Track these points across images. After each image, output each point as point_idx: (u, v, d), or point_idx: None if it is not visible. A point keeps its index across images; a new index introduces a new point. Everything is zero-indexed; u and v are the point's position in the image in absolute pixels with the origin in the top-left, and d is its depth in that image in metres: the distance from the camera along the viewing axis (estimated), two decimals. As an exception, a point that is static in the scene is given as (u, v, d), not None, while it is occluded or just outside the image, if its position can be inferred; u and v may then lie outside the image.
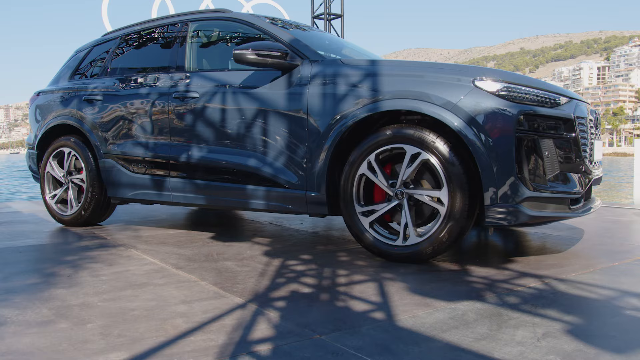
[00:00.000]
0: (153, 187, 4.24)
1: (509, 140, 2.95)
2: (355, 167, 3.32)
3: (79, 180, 4.71)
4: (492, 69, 3.22)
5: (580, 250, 3.54)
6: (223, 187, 3.86)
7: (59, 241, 4.05)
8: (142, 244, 3.82)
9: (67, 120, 4.78)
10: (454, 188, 3.03)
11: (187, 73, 4.14)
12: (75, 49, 5.36)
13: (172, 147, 4.10)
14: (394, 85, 3.21)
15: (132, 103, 4.35)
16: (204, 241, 3.92)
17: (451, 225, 3.05)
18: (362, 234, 3.33)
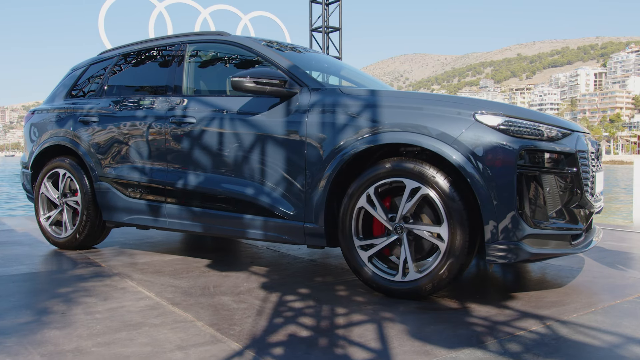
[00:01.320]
0: (149, 212, 4.19)
1: (510, 177, 2.91)
2: (354, 200, 3.28)
3: (74, 202, 4.66)
4: (492, 101, 3.19)
5: (581, 284, 3.50)
6: (220, 215, 3.81)
7: (52, 268, 3.99)
8: (137, 273, 3.77)
9: (62, 141, 4.73)
10: (454, 224, 2.99)
11: (185, 97, 4.10)
12: (72, 66, 5.30)
13: (168, 172, 4.05)
14: (394, 117, 3.17)
15: (129, 126, 4.29)
16: (200, 270, 3.87)
17: (451, 262, 3.01)
18: (360, 268, 3.28)
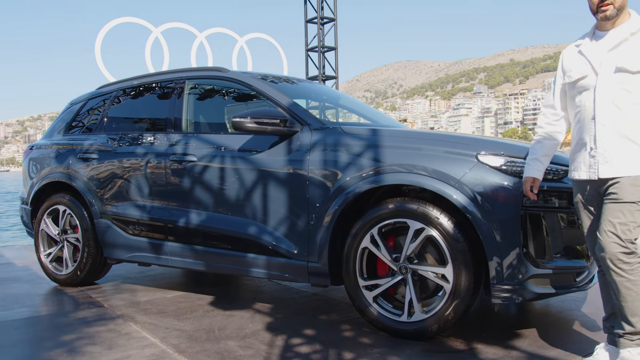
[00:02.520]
0: (151, 250, 4.17)
1: (514, 218, 2.92)
2: (357, 240, 3.27)
3: (74, 239, 4.64)
4: (493, 140, 3.20)
5: (585, 317, 3.49)
6: (223, 254, 3.80)
7: (55, 311, 3.97)
8: (140, 315, 3.74)
9: (61, 177, 4.71)
10: (458, 265, 2.99)
11: (185, 134, 4.09)
12: (70, 101, 5.30)
13: (169, 210, 4.04)
14: (397, 158, 3.17)
15: (128, 163, 4.28)
16: (204, 309, 3.85)
17: (457, 303, 3.00)
18: (366, 308, 3.27)
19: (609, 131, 2.46)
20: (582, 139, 2.56)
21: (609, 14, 2.46)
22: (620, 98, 2.45)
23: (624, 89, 2.45)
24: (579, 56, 2.60)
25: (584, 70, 2.55)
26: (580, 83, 2.56)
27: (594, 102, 2.49)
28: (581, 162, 2.57)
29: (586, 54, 2.56)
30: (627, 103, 2.45)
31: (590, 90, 2.52)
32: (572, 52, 2.66)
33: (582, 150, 2.57)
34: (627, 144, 2.44)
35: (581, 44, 2.62)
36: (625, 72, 2.44)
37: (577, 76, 2.57)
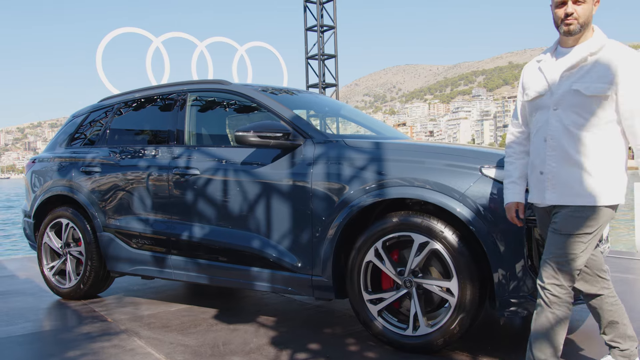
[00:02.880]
0: (154, 263, 4.17)
1: (518, 231, 2.90)
2: (362, 254, 3.27)
3: (77, 252, 4.63)
4: (496, 152, 3.19)
5: (590, 328, 3.49)
6: (226, 267, 3.79)
7: (58, 326, 3.96)
8: (144, 329, 3.74)
9: (64, 191, 4.71)
10: (463, 279, 2.98)
11: (187, 147, 4.09)
12: (72, 113, 5.30)
13: (172, 224, 4.04)
14: (401, 171, 3.17)
15: (131, 176, 4.28)
16: (208, 323, 3.84)
17: (462, 317, 3.00)
18: (370, 322, 3.27)
19: (559, 156, 2.36)
20: (534, 160, 2.49)
21: (572, 29, 2.34)
22: (573, 122, 2.33)
23: (576, 112, 2.33)
24: (538, 73, 2.49)
25: (541, 88, 2.44)
26: (537, 102, 2.47)
27: (547, 124, 2.40)
28: (532, 185, 2.52)
29: (545, 71, 2.45)
30: (579, 128, 2.32)
31: (545, 110, 2.42)
32: (532, 69, 2.55)
33: (534, 172, 2.50)
34: (577, 171, 2.33)
35: (542, 59, 2.51)
36: (579, 94, 2.32)
37: (534, 95, 2.48)
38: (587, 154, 2.32)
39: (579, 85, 2.31)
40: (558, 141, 2.36)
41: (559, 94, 2.37)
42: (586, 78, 2.31)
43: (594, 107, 2.31)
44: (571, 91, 2.33)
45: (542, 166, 2.42)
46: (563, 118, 2.35)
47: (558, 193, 2.38)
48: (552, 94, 2.39)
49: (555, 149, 2.37)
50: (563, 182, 2.36)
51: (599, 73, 2.30)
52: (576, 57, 2.35)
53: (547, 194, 2.41)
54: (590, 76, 2.31)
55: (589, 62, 2.33)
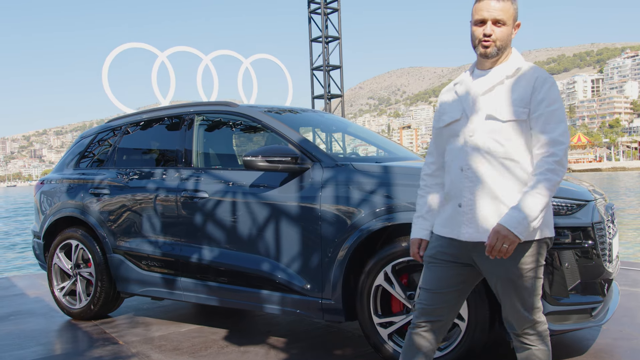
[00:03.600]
0: (164, 285, 4.19)
1: (528, 255, 2.91)
2: (371, 278, 3.28)
3: (87, 274, 4.66)
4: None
5: (601, 348, 3.48)
6: (236, 290, 3.81)
7: (69, 349, 3.98)
8: (156, 352, 3.75)
9: (73, 212, 4.74)
10: (473, 303, 2.99)
11: (195, 169, 4.12)
12: (80, 134, 5.34)
13: (182, 247, 4.06)
14: (409, 196, 3.17)
15: (140, 199, 4.31)
16: (218, 345, 3.85)
17: (472, 341, 3.00)
18: (381, 346, 3.27)
19: (477, 187, 2.13)
20: (450, 191, 2.23)
21: (489, 51, 2.15)
22: (490, 149, 2.12)
23: (493, 139, 2.12)
24: (454, 97, 2.28)
25: (456, 113, 2.23)
26: (452, 127, 2.24)
27: (463, 151, 2.17)
28: (447, 217, 2.24)
29: (461, 95, 2.25)
30: (496, 156, 2.12)
31: (461, 137, 2.19)
32: (449, 92, 2.34)
33: (449, 203, 2.23)
34: (495, 204, 2.11)
35: (459, 82, 2.30)
36: (495, 120, 2.13)
37: (449, 120, 2.25)
38: (506, 185, 2.11)
39: (495, 110, 2.14)
40: (477, 171, 2.13)
41: (474, 119, 2.17)
42: (502, 102, 2.14)
43: (511, 133, 2.13)
44: (487, 116, 2.15)
45: (460, 198, 2.18)
46: (480, 146, 2.13)
47: (475, 228, 2.13)
48: (468, 119, 2.18)
49: (472, 180, 2.14)
50: (481, 216, 2.12)
51: (515, 97, 2.13)
52: (492, 81, 2.19)
53: (463, 228, 2.16)
54: (506, 100, 2.14)
55: (506, 86, 2.16)
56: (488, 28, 2.13)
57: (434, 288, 2.27)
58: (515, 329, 2.24)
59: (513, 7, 2.16)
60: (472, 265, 2.23)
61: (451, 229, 2.21)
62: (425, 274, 2.31)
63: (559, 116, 2.10)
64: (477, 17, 2.15)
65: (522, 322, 2.21)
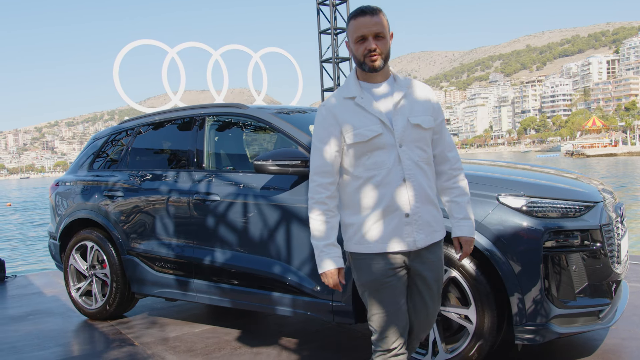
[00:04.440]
0: (177, 286, 4.27)
1: (535, 259, 2.95)
2: (380, 281, 3.32)
3: (103, 275, 4.75)
4: (513, 180, 3.23)
5: (609, 348, 3.50)
6: (248, 292, 3.87)
7: (87, 350, 4.07)
8: (170, 354, 3.84)
9: (88, 214, 4.82)
10: (481, 306, 3.03)
11: (207, 172, 4.17)
12: (93, 135, 5.42)
13: (195, 249, 4.12)
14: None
15: (153, 201, 4.38)
16: (231, 347, 3.93)
17: (481, 344, 3.05)
18: (391, 348, 3.32)
19: (420, 194, 2.22)
20: (392, 204, 2.20)
21: (377, 64, 2.22)
22: (420, 157, 2.25)
23: (419, 147, 2.26)
24: (361, 111, 2.24)
25: (376, 127, 2.21)
26: (375, 142, 2.21)
27: (400, 163, 2.21)
28: (389, 231, 2.22)
29: (370, 109, 2.23)
30: (425, 162, 2.27)
31: (389, 149, 2.21)
32: (347, 107, 2.26)
33: (391, 216, 2.21)
34: (432, 207, 2.27)
35: (355, 97, 2.26)
36: (420, 128, 2.25)
37: (371, 134, 2.20)
38: (432, 187, 2.31)
39: (416, 118, 2.25)
40: (416, 179, 2.22)
41: (399, 130, 2.22)
42: (417, 112, 2.26)
43: (429, 140, 2.31)
44: (411, 125, 2.24)
45: (406, 208, 2.21)
46: (411, 155, 2.23)
47: (424, 233, 2.25)
48: (393, 131, 2.22)
49: (416, 188, 2.22)
50: (427, 221, 2.25)
51: (423, 107, 2.29)
52: (400, 90, 2.28)
53: (415, 236, 2.22)
54: (418, 110, 2.27)
55: (411, 95, 2.29)
56: (371, 43, 2.21)
57: (397, 307, 2.27)
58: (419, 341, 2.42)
59: (385, 19, 2.27)
60: (408, 269, 2.30)
61: (398, 242, 2.22)
62: (381, 298, 2.26)
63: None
64: (358, 35, 2.22)
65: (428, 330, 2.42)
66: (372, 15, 2.21)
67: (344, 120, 2.25)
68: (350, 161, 2.26)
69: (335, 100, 2.30)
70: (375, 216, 2.22)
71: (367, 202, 2.23)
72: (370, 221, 2.23)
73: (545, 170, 4.06)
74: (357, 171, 2.25)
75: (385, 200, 2.21)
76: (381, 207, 2.21)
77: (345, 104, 2.27)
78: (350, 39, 2.26)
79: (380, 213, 2.21)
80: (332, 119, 2.26)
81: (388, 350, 2.28)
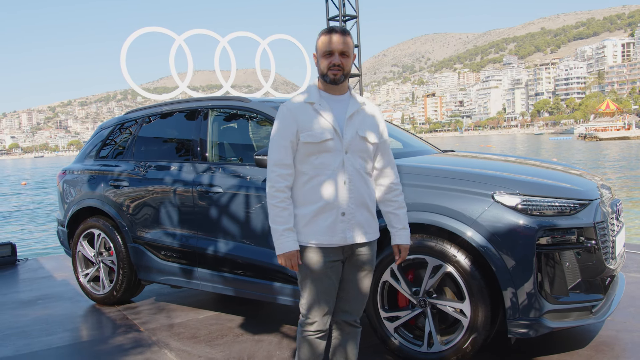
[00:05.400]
0: (181, 275, 4.37)
1: (529, 256, 3.01)
2: (378, 274, 3.39)
3: (110, 261, 4.87)
4: (509, 178, 3.27)
5: (604, 340, 3.57)
6: (250, 281, 3.97)
7: (94, 335, 4.20)
8: (174, 340, 3.95)
9: (95, 203, 4.93)
10: (476, 301, 3.10)
11: (210, 164, 4.24)
12: (99, 125, 5.50)
13: (198, 239, 4.21)
14: (418, 197, 3.28)
15: (158, 192, 4.46)
16: (234, 334, 4.04)
17: (474, 337, 3.12)
18: (387, 339, 3.41)
19: (356, 197, 2.50)
20: (332, 202, 2.46)
21: (337, 78, 2.49)
22: (361, 166, 2.54)
23: (362, 157, 2.54)
24: (317, 115, 2.49)
25: (328, 132, 2.47)
26: (326, 145, 2.47)
27: (343, 167, 2.48)
28: (326, 226, 2.47)
29: (326, 116, 2.49)
30: (365, 171, 2.56)
31: (336, 153, 2.48)
32: (306, 110, 2.51)
33: (328, 213, 2.47)
34: (367, 210, 2.56)
35: (314, 103, 2.51)
36: (365, 141, 2.54)
37: (323, 137, 2.46)
38: (370, 195, 2.58)
39: (363, 132, 2.54)
40: (355, 184, 2.51)
41: (347, 139, 2.50)
42: (366, 126, 2.56)
43: (371, 153, 2.59)
44: (358, 137, 2.53)
45: (343, 208, 2.49)
46: (354, 162, 2.52)
47: (357, 232, 2.52)
48: (342, 138, 2.49)
49: (353, 191, 2.50)
50: (360, 222, 2.53)
51: (371, 123, 2.60)
52: (354, 106, 2.57)
53: (348, 233, 2.50)
54: (367, 125, 2.57)
55: (363, 112, 2.59)
56: (337, 59, 2.48)
57: (328, 295, 2.57)
58: (355, 316, 2.68)
59: (352, 41, 2.57)
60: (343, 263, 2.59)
61: (332, 236, 2.49)
62: (315, 286, 2.53)
63: None
64: (326, 50, 2.48)
65: (362, 309, 2.71)
66: (342, 35, 2.49)
67: (302, 121, 2.50)
68: (301, 158, 2.52)
69: (297, 103, 2.55)
70: (315, 211, 2.49)
71: (310, 198, 2.50)
72: (310, 215, 2.50)
73: (553, 166, 4.08)
74: (304, 168, 2.52)
75: (326, 198, 2.48)
76: (321, 203, 2.49)
77: (304, 107, 2.53)
78: (318, 52, 2.53)
79: (320, 209, 2.48)
80: (292, 118, 2.51)
81: (314, 331, 2.59)
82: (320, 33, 2.55)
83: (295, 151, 2.52)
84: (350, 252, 2.57)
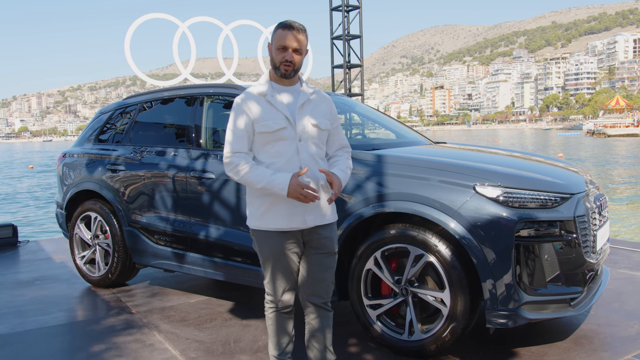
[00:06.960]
0: (174, 259, 4.46)
1: (508, 248, 3.06)
2: (362, 262, 3.47)
3: (105, 244, 4.96)
4: (492, 170, 3.32)
5: (583, 334, 3.63)
6: (240, 267, 4.04)
7: (88, 316, 4.30)
8: (164, 322, 4.05)
9: (92, 186, 5.02)
10: (455, 291, 3.16)
11: (204, 150, 4.31)
12: (99, 110, 5.58)
13: (191, 224, 4.30)
14: (401, 186, 3.34)
15: (153, 177, 4.55)
16: (222, 318, 4.13)
17: (454, 326, 3.19)
18: (370, 326, 3.48)
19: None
20: None
21: (288, 73, 2.65)
22: (316, 152, 2.70)
23: (315, 144, 2.71)
24: (269, 107, 2.65)
25: (281, 122, 2.63)
26: (279, 134, 2.63)
27: (298, 154, 2.64)
28: (286, 211, 2.63)
29: (278, 106, 2.65)
30: (320, 157, 2.73)
31: (290, 141, 2.64)
32: (259, 101, 2.66)
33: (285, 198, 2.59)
34: (326, 194, 2.70)
35: (266, 94, 2.67)
36: (317, 128, 2.70)
37: (276, 127, 2.62)
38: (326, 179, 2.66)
39: (315, 120, 2.71)
40: (311, 170, 2.64)
41: (300, 127, 2.66)
42: (317, 114, 2.73)
43: (324, 139, 2.77)
44: (310, 125, 2.69)
45: None
46: (308, 149, 2.67)
47: (315, 215, 2.67)
48: (295, 127, 2.65)
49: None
50: (316, 205, 2.67)
51: (323, 111, 2.76)
52: (304, 96, 2.73)
53: (307, 217, 2.65)
54: (318, 113, 2.74)
55: (313, 101, 2.75)
56: (289, 55, 2.63)
57: (289, 274, 2.75)
58: (324, 299, 2.81)
59: (306, 39, 2.70)
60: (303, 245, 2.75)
61: (290, 220, 2.65)
62: (277, 267, 2.72)
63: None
64: (280, 44, 2.63)
65: (329, 291, 2.82)
66: (297, 32, 2.63)
67: (256, 112, 2.65)
68: (257, 148, 2.68)
69: (250, 94, 2.69)
70: (274, 197, 2.63)
71: None
72: (269, 202, 2.65)
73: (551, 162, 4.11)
74: (261, 157, 2.67)
75: None
76: None
77: (257, 99, 2.68)
78: (273, 44, 2.68)
79: (278, 195, 2.59)
80: (247, 109, 2.66)
81: (279, 308, 2.81)
82: (277, 26, 2.67)
83: (252, 141, 2.67)
84: (310, 235, 2.71)
